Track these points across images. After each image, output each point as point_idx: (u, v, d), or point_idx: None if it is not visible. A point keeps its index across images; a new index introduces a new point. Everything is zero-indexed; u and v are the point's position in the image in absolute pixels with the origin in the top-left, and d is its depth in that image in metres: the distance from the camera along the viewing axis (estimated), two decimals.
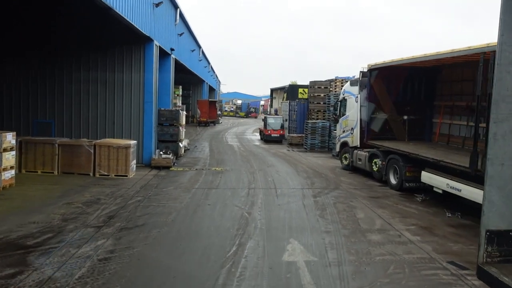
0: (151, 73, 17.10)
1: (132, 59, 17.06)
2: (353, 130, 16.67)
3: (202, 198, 11.98)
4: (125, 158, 14.63)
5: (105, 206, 10.73)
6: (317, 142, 24.98)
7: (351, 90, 17.09)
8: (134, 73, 17.08)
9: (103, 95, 17.18)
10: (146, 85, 17.10)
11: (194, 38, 31.53)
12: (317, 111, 27.19)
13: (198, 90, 50.76)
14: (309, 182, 14.59)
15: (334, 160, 20.47)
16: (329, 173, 16.68)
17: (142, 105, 17.18)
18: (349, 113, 17.12)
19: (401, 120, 15.86)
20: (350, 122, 16.98)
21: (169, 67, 21.75)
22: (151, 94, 17.18)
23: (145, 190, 12.74)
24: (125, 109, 17.19)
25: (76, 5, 15.24)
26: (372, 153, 15.11)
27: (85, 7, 14.61)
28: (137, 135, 17.22)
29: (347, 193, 13.01)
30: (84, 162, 14.64)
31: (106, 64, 17.10)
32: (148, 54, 17.07)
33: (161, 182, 14.03)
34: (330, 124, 25.02)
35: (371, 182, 14.79)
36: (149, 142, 17.32)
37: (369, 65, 15.30)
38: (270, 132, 28.84)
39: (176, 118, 19.34)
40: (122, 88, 17.14)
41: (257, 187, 13.65)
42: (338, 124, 18.26)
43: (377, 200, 12.17)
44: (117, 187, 13.09)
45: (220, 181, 14.53)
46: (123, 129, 17.23)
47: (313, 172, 16.88)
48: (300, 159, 20.90)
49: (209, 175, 15.69)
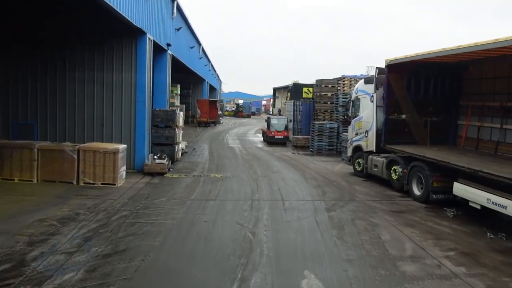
0: (143, 70, 15.45)
1: (123, 54, 15.41)
2: (368, 132, 14.99)
3: (198, 212, 10.33)
4: (112, 165, 12.99)
5: (84, 223, 9.09)
6: (324, 145, 23.31)
7: (365, 88, 15.41)
8: (125, 70, 15.43)
9: (90, 94, 15.53)
10: (139, 82, 15.45)
11: (193, 34, 29.89)
12: (324, 112, 25.52)
13: (199, 89, 49.09)
14: (320, 192, 12.92)
15: (345, 165, 18.79)
16: (341, 180, 15.01)
17: (134, 105, 15.53)
18: (363, 114, 15.44)
19: (422, 122, 14.20)
20: (364, 124, 15.30)
21: (166, 63, 20.13)
22: (144, 93, 15.53)
23: (133, 202, 11.10)
24: (115, 110, 15.54)
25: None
26: (390, 159, 13.44)
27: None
28: (128, 138, 15.57)
29: (365, 206, 11.34)
30: (66, 169, 13.00)
31: (94, 60, 15.45)
32: (141, 49, 15.42)
33: (153, 192, 12.38)
34: (339, 125, 23.36)
35: (390, 192, 13.12)
36: (142, 146, 15.67)
37: (387, 60, 13.63)
38: (274, 134, 27.19)
39: (172, 119, 17.70)
40: (112, 86, 15.49)
41: (261, 198, 12.01)
42: (350, 126, 16.59)
43: (401, 215, 10.49)
44: (102, 198, 11.45)
45: (219, 190, 12.89)
46: (113, 131, 15.58)
47: (323, 179, 15.21)
48: (307, 163, 19.24)
49: (208, 183, 14.04)
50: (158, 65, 20.04)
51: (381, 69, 14.60)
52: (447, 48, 10.93)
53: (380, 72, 14.58)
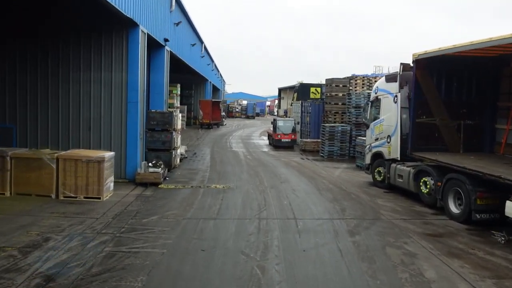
0: (136, 66, 13.67)
1: (112, 48, 13.65)
2: (390, 138, 13.14)
3: (194, 237, 8.53)
4: (97, 176, 11.22)
5: (52, 253, 7.32)
6: (336, 149, 21.45)
7: (387, 87, 13.56)
8: (115, 66, 13.67)
9: (76, 94, 13.78)
10: (130, 81, 13.69)
11: (194, 30, 28.13)
12: (334, 113, 23.65)
13: (201, 90, 47.30)
14: (338, 208, 11.09)
15: (360, 172, 16.94)
16: (359, 192, 13.16)
17: (125, 106, 13.77)
18: (385, 116, 13.58)
19: (454, 126, 12.34)
20: (386, 128, 13.45)
21: (163, 61, 18.35)
22: (137, 92, 13.76)
23: (118, 222, 9.32)
24: (104, 112, 13.78)
25: None
26: (419, 170, 11.58)
27: None
28: (118, 144, 13.81)
29: (394, 227, 9.49)
30: (44, 180, 11.24)
31: (80, 56, 13.70)
32: (133, 42, 13.65)
33: (143, 208, 10.60)
34: (351, 128, 21.51)
35: (419, 208, 11.26)
36: (134, 152, 13.90)
37: (415, 55, 11.77)
38: (280, 137, 25.36)
39: (169, 121, 15.93)
40: (100, 84, 13.74)
41: (270, 216, 10.19)
42: (369, 130, 14.73)
43: (441, 241, 8.64)
44: (81, 216, 9.69)
45: (221, 205, 11.08)
46: (101, 136, 13.82)
47: (339, 190, 13.37)
48: (319, 171, 17.40)
49: (208, 195, 12.24)
50: (154, 62, 18.31)
51: (406, 65, 12.76)
52: (494, 37, 9.06)
53: (405, 68, 12.75)
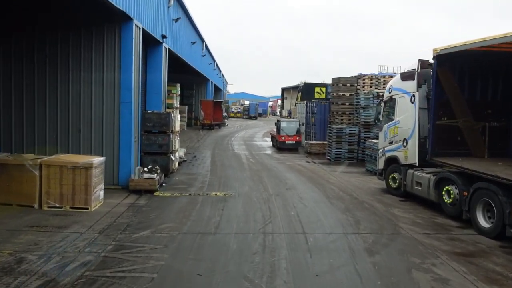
0: (129, 63, 12.60)
1: (104, 44, 12.58)
2: (407, 141, 12.01)
3: (189, 257, 7.43)
4: (84, 183, 10.15)
5: (21, 280, 6.24)
6: (343, 152, 20.32)
7: (402, 86, 12.43)
8: (106, 64, 12.60)
9: (64, 94, 12.70)
10: (123, 79, 12.61)
11: (194, 28, 27.05)
12: (341, 114, 22.52)
13: (202, 90, 46.24)
14: (352, 220, 9.97)
15: (371, 177, 15.82)
16: (373, 201, 12.04)
17: (117, 107, 12.69)
18: (400, 118, 12.45)
19: (479, 129, 11.22)
20: (402, 131, 12.32)
21: (160, 58, 17.29)
22: (130, 92, 12.68)
23: (105, 238, 8.24)
24: (94, 113, 12.70)
25: None
26: (441, 177, 10.44)
27: None
28: (111, 148, 12.73)
29: (418, 243, 8.37)
30: (26, 188, 10.17)
31: (68, 52, 12.62)
32: (126, 38, 12.57)
33: (135, 221, 9.51)
34: (360, 129, 20.38)
35: (442, 220, 10.13)
36: (128, 156, 12.81)
37: (436, 50, 10.64)
38: (285, 139, 24.23)
39: (166, 123, 14.85)
40: (91, 83, 12.66)
41: (276, 230, 9.09)
42: (382, 132, 13.60)
43: (474, 261, 7.52)
44: (65, 231, 8.61)
45: (221, 217, 9.98)
46: (92, 139, 12.74)
47: (350, 199, 12.25)
48: (326, 175, 16.28)
49: (207, 205, 11.15)
50: (151, 60, 17.25)
51: (424, 61, 11.65)
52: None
53: (423, 65, 11.63)
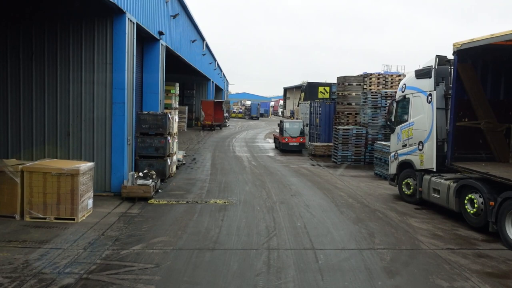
0: (122, 61, 11.69)
1: (94, 40, 11.67)
2: (423, 144, 11.06)
3: (184, 279, 6.50)
4: (70, 191, 9.22)
5: None
6: (350, 155, 19.38)
7: (417, 85, 11.48)
8: (97, 61, 11.70)
9: (52, 93, 11.81)
10: (116, 78, 11.69)
11: (194, 25, 26.13)
12: (347, 114, 21.59)
13: (203, 90, 45.37)
14: (365, 232, 9.02)
15: (381, 182, 14.88)
16: (386, 209, 11.09)
17: (109, 107, 11.78)
18: (415, 119, 11.50)
19: (503, 131, 10.27)
20: (417, 133, 11.37)
21: (157, 56, 16.40)
22: (123, 91, 11.77)
23: (90, 255, 7.31)
24: (84, 114, 11.80)
25: None
26: (463, 184, 9.48)
27: None
28: (102, 151, 11.83)
29: (443, 261, 7.41)
30: (6, 197, 9.25)
31: (56, 48, 11.72)
32: (118, 33, 11.65)
33: (125, 233, 8.59)
34: (367, 131, 19.43)
35: (465, 232, 9.17)
36: (120, 161, 11.89)
37: (457, 44, 9.68)
38: (288, 140, 23.30)
39: (163, 125, 13.94)
40: (80, 82, 11.75)
41: (281, 244, 8.15)
42: (394, 134, 12.64)
43: (509, 283, 6.57)
44: (45, 246, 7.69)
45: (221, 229, 9.05)
46: (82, 143, 11.83)
47: (361, 207, 11.30)
48: (333, 180, 15.33)
49: (205, 214, 10.22)
50: (148, 58, 16.38)
51: (442, 57, 10.70)
52: None
53: (440, 62, 10.69)
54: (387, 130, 14.68)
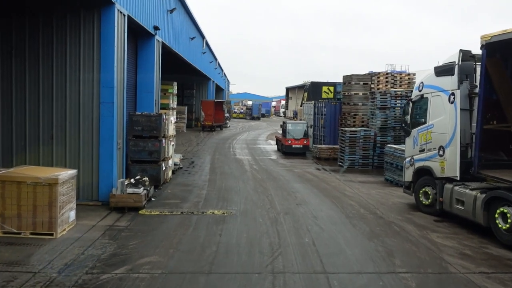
0: (111, 57, 10.61)
1: (80, 33, 10.60)
2: (444, 149, 9.94)
3: None
4: (48, 203, 8.15)
5: None
6: (357, 158, 18.28)
7: (437, 83, 10.37)
8: (83, 57, 10.63)
9: (34, 93, 10.74)
10: (104, 75, 10.62)
11: (193, 22, 25.05)
12: (354, 115, 20.49)
13: (203, 90, 44.25)
14: (382, 251, 7.92)
15: (393, 189, 13.78)
16: (402, 221, 9.97)
17: (97, 108, 10.70)
18: (435, 121, 10.38)
19: None
20: (437, 136, 10.26)
21: (153, 52, 15.32)
22: (112, 90, 10.70)
23: (63, 282, 6.23)
24: (70, 116, 10.73)
25: None
26: (493, 196, 8.38)
27: None
28: (89, 157, 10.75)
29: None
30: None
31: (38, 43, 10.65)
32: (106, 25, 10.57)
33: (109, 251, 7.50)
34: (376, 133, 18.32)
35: (496, 250, 8.06)
36: (109, 167, 10.81)
37: (486, 37, 8.56)
38: (291, 142, 22.19)
39: (157, 127, 12.87)
40: (65, 80, 10.68)
41: (287, 266, 7.05)
42: (410, 137, 11.51)
43: None
44: (13, 269, 6.62)
45: (218, 247, 7.95)
46: (67, 147, 10.76)
47: (374, 218, 10.19)
48: (341, 186, 14.22)
49: (201, 228, 9.13)
50: (143, 54, 15.29)
51: (466, 52, 9.60)
52: None
53: (464, 57, 9.59)
54: (401, 132, 13.59)
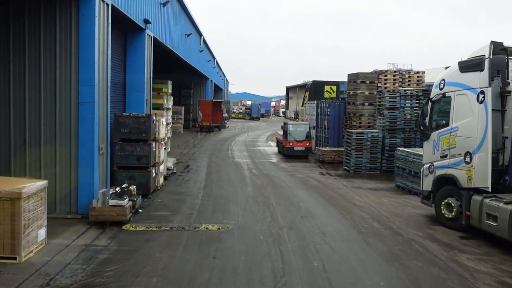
0: (91, 50, 9.34)
1: (56, 24, 9.33)
2: (472, 156, 8.68)
3: None
4: (9, 221, 6.89)
5: None
6: (364, 162, 17.01)
7: (462, 80, 9.10)
8: (60, 52, 9.36)
9: (3, 92, 9.47)
10: (83, 72, 9.35)
11: (189, 18, 23.76)
12: (359, 116, 19.21)
13: (201, 89, 42.90)
14: (406, 278, 6.64)
15: (407, 197, 12.53)
16: (423, 238, 8.70)
17: (75, 109, 9.44)
18: (460, 123, 9.11)
19: None
20: (463, 141, 8.99)
21: (143, 48, 14.08)
22: (93, 88, 9.43)
23: None
24: (44, 118, 9.47)
25: None
26: None
27: None
28: (67, 164, 9.49)
29: None
30: None
31: (8, 34, 9.38)
32: (86, 16, 9.30)
33: (79, 281, 6.24)
34: (384, 135, 17.07)
35: None
36: (89, 175, 9.54)
37: None
38: (293, 145, 20.91)
39: (146, 129, 11.62)
40: (39, 78, 9.42)
41: None
42: (429, 141, 10.22)
43: None
44: None
45: (211, 274, 6.68)
46: (41, 153, 9.49)
47: (390, 234, 8.92)
48: (349, 194, 12.95)
49: (193, 248, 7.86)
50: (132, 50, 14.06)
51: (497, 44, 8.37)
52: None
53: (495, 50, 8.34)
54: (411, 134, 12.32)
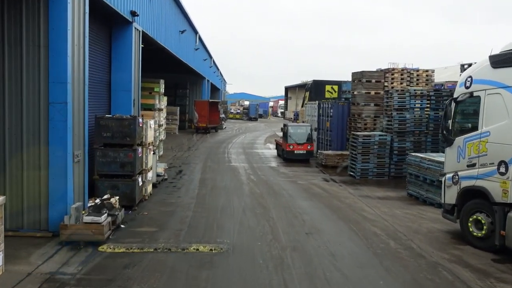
0: (62, 42, 8.06)
1: (22, 12, 8.04)
2: (508, 165, 7.41)
3: None
4: None
5: None
6: (371, 167, 15.75)
7: (494, 77, 7.85)
8: (26, 44, 8.09)
9: None
10: (53, 67, 8.08)
11: (183, 12, 22.47)
12: (365, 117, 17.95)
13: (198, 89, 41.59)
14: None
15: (422, 207, 11.28)
16: (449, 261, 7.44)
17: (45, 110, 8.15)
18: (492, 127, 7.84)
19: None
20: (496, 148, 7.72)
21: (130, 43, 12.87)
22: (65, 86, 8.15)
23: None
24: (8, 121, 8.18)
25: None
26: None
27: None
28: (35, 173, 8.20)
29: None
30: None
31: None
32: (56, 2, 8.02)
33: None
34: (392, 138, 15.81)
35: None
36: (62, 187, 8.24)
37: None
38: (293, 148, 19.64)
39: (131, 132, 10.35)
40: (2, 74, 8.13)
41: None
42: (452, 147, 8.92)
43: None
44: None
45: None
46: (6, 162, 8.20)
47: (411, 256, 7.65)
48: (358, 204, 11.68)
49: (179, 277, 6.57)
50: (118, 45, 12.84)
51: None
52: None
53: None
54: (422, 137, 11.05)
